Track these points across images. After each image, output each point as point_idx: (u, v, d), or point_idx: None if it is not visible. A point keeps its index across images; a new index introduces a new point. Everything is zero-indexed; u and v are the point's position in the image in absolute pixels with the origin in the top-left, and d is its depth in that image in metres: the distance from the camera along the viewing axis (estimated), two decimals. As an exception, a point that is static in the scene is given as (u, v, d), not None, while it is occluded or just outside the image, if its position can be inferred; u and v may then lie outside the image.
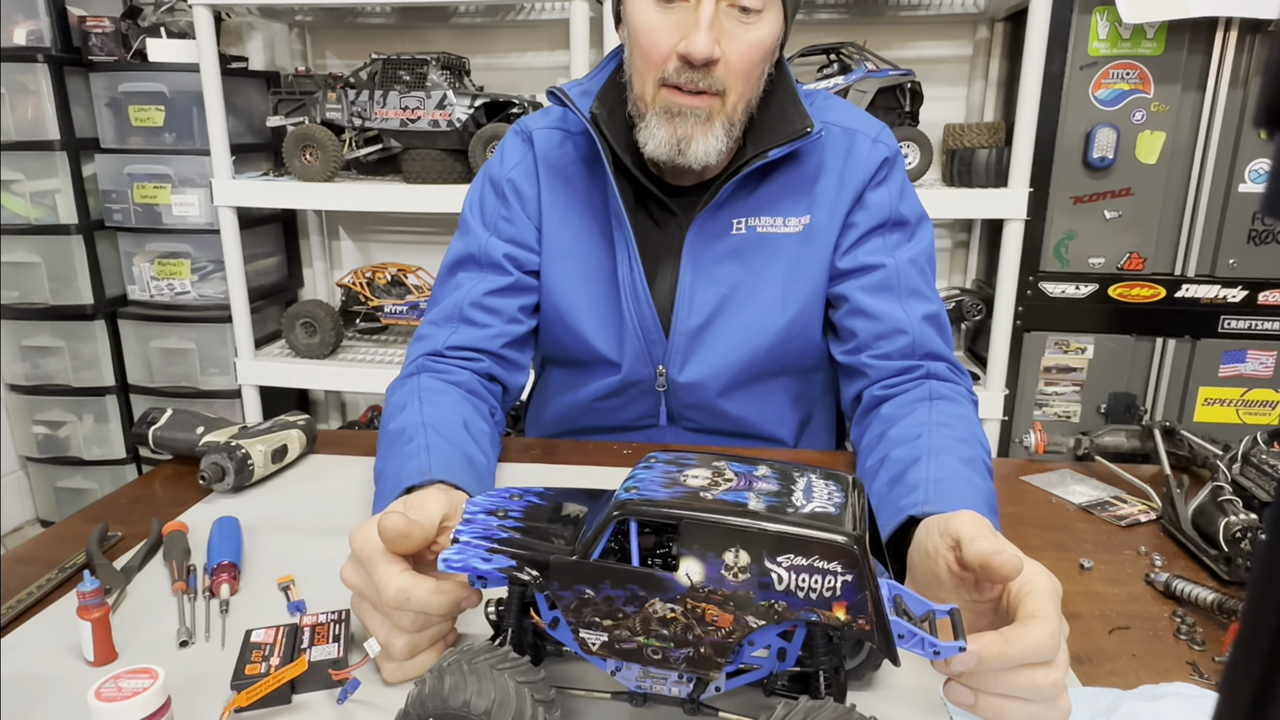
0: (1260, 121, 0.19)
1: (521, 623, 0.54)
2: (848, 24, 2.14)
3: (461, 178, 1.99)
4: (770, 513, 0.47)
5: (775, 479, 0.51)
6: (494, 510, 0.56)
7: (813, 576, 0.46)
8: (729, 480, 0.51)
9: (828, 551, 0.45)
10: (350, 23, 2.35)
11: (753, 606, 0.47)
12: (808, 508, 0.48)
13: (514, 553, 0.52)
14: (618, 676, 0.52)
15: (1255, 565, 0.19)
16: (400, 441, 0.79)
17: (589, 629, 0.50)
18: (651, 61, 0.87)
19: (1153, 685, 0.58)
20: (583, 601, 0.49)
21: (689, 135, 0.87)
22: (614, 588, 0.49)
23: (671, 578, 0.47)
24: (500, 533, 0.54)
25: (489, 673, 0.47)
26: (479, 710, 0.46)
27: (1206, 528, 0.77)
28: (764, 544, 0.46)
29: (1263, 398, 1.92)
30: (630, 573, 0.48)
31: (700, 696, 0.51)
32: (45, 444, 2.37)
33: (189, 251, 2.21)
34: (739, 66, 0.86)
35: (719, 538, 0.47)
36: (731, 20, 0.84)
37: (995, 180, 1.85)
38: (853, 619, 0.46)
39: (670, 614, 0.48)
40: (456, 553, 0.53)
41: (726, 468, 0.53)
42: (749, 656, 0.51)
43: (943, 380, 0.92)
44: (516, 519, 0.56)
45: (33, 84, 2.10)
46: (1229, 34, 1.74)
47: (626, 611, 0.49)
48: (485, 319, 0.97)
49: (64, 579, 0.73)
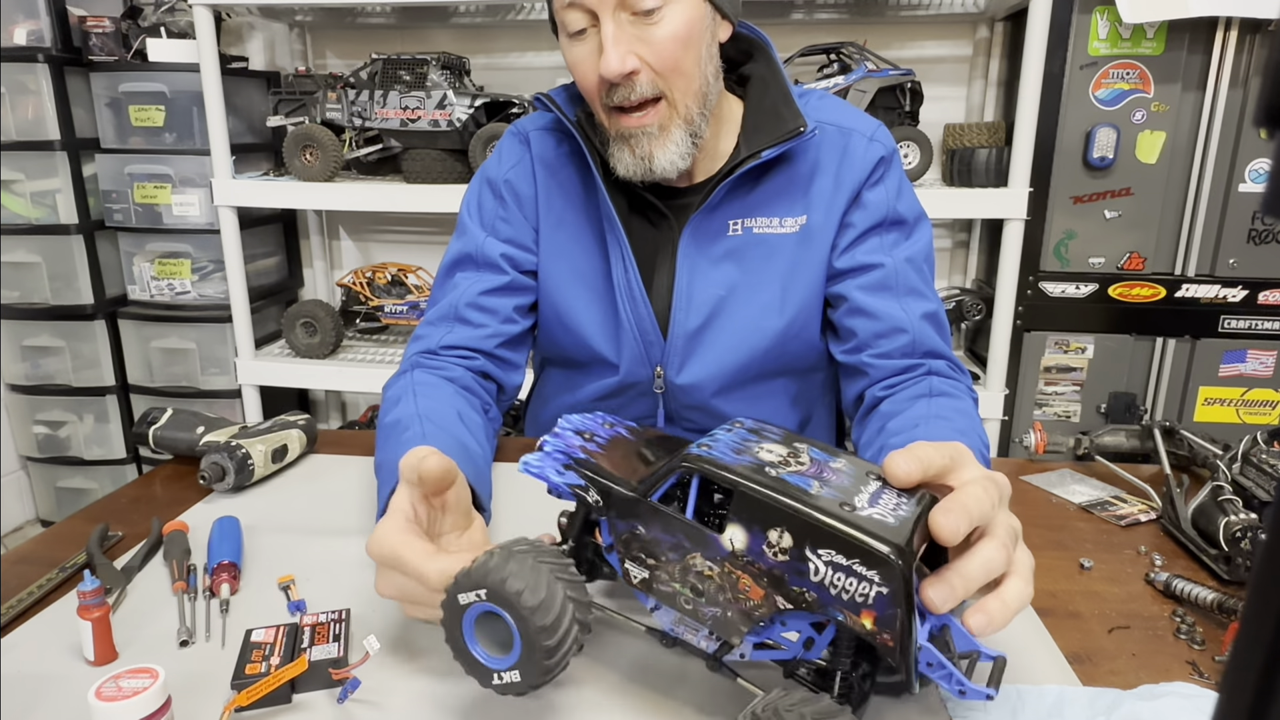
0: (1260, 121, 0.19)
1: (582, 538, 0.57)
2: (848, 24, 2.14)
3: (461, 178, 1.99)
4: (825, 504, 0.47)
5: (849, 475, 0.51)
6: (582, 431, 0.60)
7: (849, 578, 0.45)
8: (801, 464, 0.51)
9: (869, 558, 0.45)
10: (350, 23, 2.35)
11: (785, 589, 0.47)
12: (867, 511, 0.47)
13: (585, 474, 0.55)
14: (655, 615, 0.54)
15: (1255, 565, 0.19)
16: (396, 432, 0.80)
17: (634, 562, 0.53)
18: (588, 93, 0.89)
19: (1153, 685, 0.58)
20: (633, 536, 0.52)
21: (649, 152, 0.88)
22: (663, 532, 0.51)
23: (716, 538, 0.49)
24: (580, 453, 0.57)
25: (532, 563, 0.50)
26: (513, 590, 0.49)
27: (1206, 527, 0.77)
28: (808, 532, 0.46)
29: (1263, 397, 1.92)
30: (680, 522, 0.50)
31: (724, 656, 0.53)
32: (45, 444, 2.37)
33: (189, 251, 2.21)
34: (663, 65, 0.85)
35: (767, 514, 0.47)
36: (637, 26, 0.84)
37: (995, 180, 1.85)
38: (878, 631, 0.45)
39: (708, 571, 0.50)
40: (538, 460, 0.57)
41: (806, 451, 0.54)
42: (778, 635, 0.51)
43: (943, 377, 0.92)
44: (600, 444, 0.58)
45: (33, 84, 2.10)
46: (1229, 34, 1.74)
47: (669, 557, 0.51)
48: (481, 318, 0.98)
49: (64, 579, 0.73)
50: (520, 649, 0.50)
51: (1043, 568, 0.75)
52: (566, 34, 0.87)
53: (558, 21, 0.88)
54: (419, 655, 0.62)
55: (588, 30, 0.85)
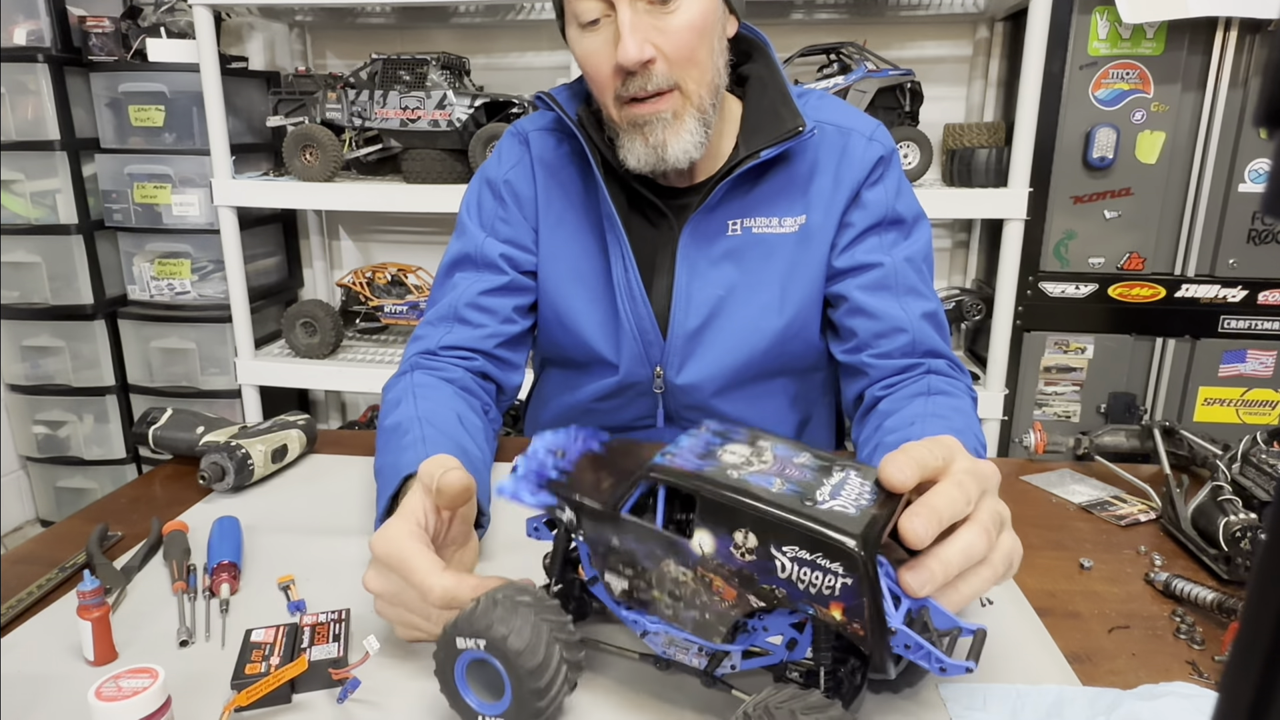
0: (1260, 121, 0.19)
1: (566, 575, 0.58)
2: (848, 24, 2.14)
3: (461, 178, 1.99)
4: (786, 502, 0.47)
5: (812, 470, 0.52)
6: (555, 450, 0.60)
7: (814, 572, 0.46)
8: (764, 463, 0.52)
9: (830, 551, 0.45)
10: (350, 23, 2.35)
11: (756, 587, 0.48)
12: (828, 505, 0.48)
13: (557, 493, 0.56)
14: (646, 640, 0.55)
15: (1255, 565, 0.19)
16: (397, 435, 0.80)
17: (613, 573, 0.54)
18: (600, 85, 0.89)
19: (1152, 685, 0.58)
20: (609, 549, 0.53)
21: (662, 140, 0.88)
22: (636, 542, 0.52)
23: (686, 544, 0.50)
24: (553, 472, 0.57)
25: (517, 608, 0.51)
26: (499, 636, 0.50)
27: (1206, 527, 0.77)
28: (770, 530, 0.47)
29: (1262, 397, 1.92)
30: (650, 532, 0.51)
31: (715, 671, 0.53)
32: (45, 444, 2.37)
33: (189, 251, 2.21)
34: (678, 55, 0.85)
35: (730, 516, 0.48)
36: (654, 15, 0.84)
37: (995, 180, 1.85)
38: (848, 621, 0.46)
39: (682, 577, 0.51)
40: (511, 483, 0.57)
41: (769, 449, 0.54)
42: (763, 641, 0.52)
43: (943, 376, 0.92)
44: (571, 461, 0.59)
45: (33, 84, 2.10)
46: (1229, 34, 1.74)
47: (645, 565, 0.52)
48: (480, 318, 0.98)
49: (64, 579, 0.73)
50: (511, 701, 0.51)
51: (1042, 568, 0.76)
52: (578, 25, 0.87)
53: (569, 12, 0.88)
54: (419, 655, 0.62)
55: (601, 20, 0.85)
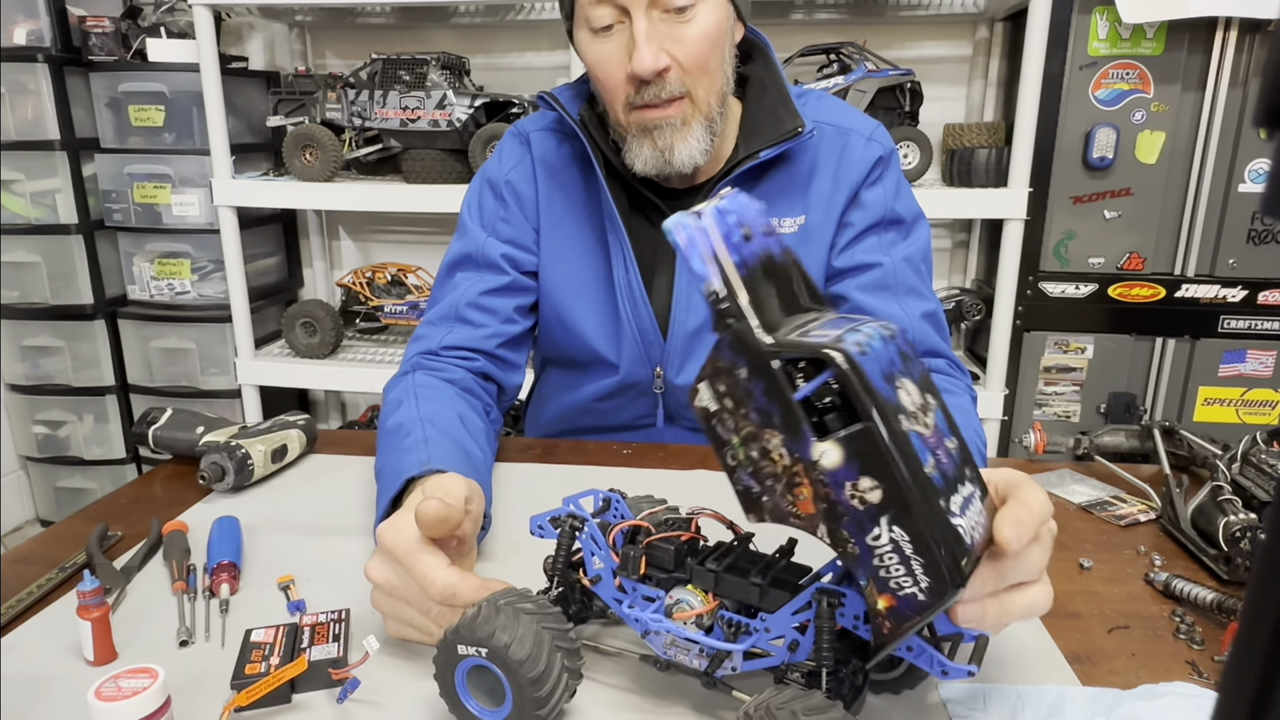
0: (1260, 121, 0.19)
1: (568, 577, 0.58)
2: (848, 24, 2.14)
3: (461, 178, 1.99)
4: (931, 494, 0.43)
5: (954, 464, 0.47)
6: (743, 228, 0.48)
7: (901, 565, 0.44)
8: (926, 426, 0.46)
9: (932, 569, 0.43)
10: (350, 23, 2.35)
11: (836, 525, 0.44)
12: (957, 520, 0.44)
13: (729, 277, 0.46)
14: (646, 640, 0.54)
15: (1255, 565, 0.19)
16: (398, 436, 0.79)
17: (712, 391, 0.46)
18: (611, 91, 0.88)
19: (1152, 685, 0.58)
20: (733, 371, 0.46)
21: (670, 144, 0.88)
22: (764, 395, 0.45)
23: (810, 439, 0.44)
24: (734, 254, 0.46)
25: (519, 616, 0.51)
26: (500, 643, 0.50)
27: (1206, 527, 0.77)
28: (901, 508, 0.43)
29: (1262, 398, 1.92)
30: (786, 399, 0.44)
31: (715, 673, 0.53)
32: (45, 444, 2.37)
33: (189, 251, 2.21)
34: (692, 64, 0.86)
35: (878, 466, 0.42)
36: (669, 24, 0.84)
37: (995, 180, 1.85)
38: (885, 619, 0.45)
39: (778, 456, 0.45)
40: (685, 233, 0.46)
41: (933, 410, 0.47)
42: (765, 643, 0.51)
43: (943, 376, 0.92)
44: (753, 254, 0.48)
45: (33, 84, 2.10)
46: (1229, 34, 1.74)
47: (750, 415, 0.45)
48: (481, 318, 0.98)
49: (64, 579, 0.73)
50: (511, 708, 0.51)
51: (1042, 568, 0.76)
52: (589, 30, 0.87)
53: (580, 16, 0.87)
54: (419, 655, 0.62)
55: (614, 27, 0.85)
